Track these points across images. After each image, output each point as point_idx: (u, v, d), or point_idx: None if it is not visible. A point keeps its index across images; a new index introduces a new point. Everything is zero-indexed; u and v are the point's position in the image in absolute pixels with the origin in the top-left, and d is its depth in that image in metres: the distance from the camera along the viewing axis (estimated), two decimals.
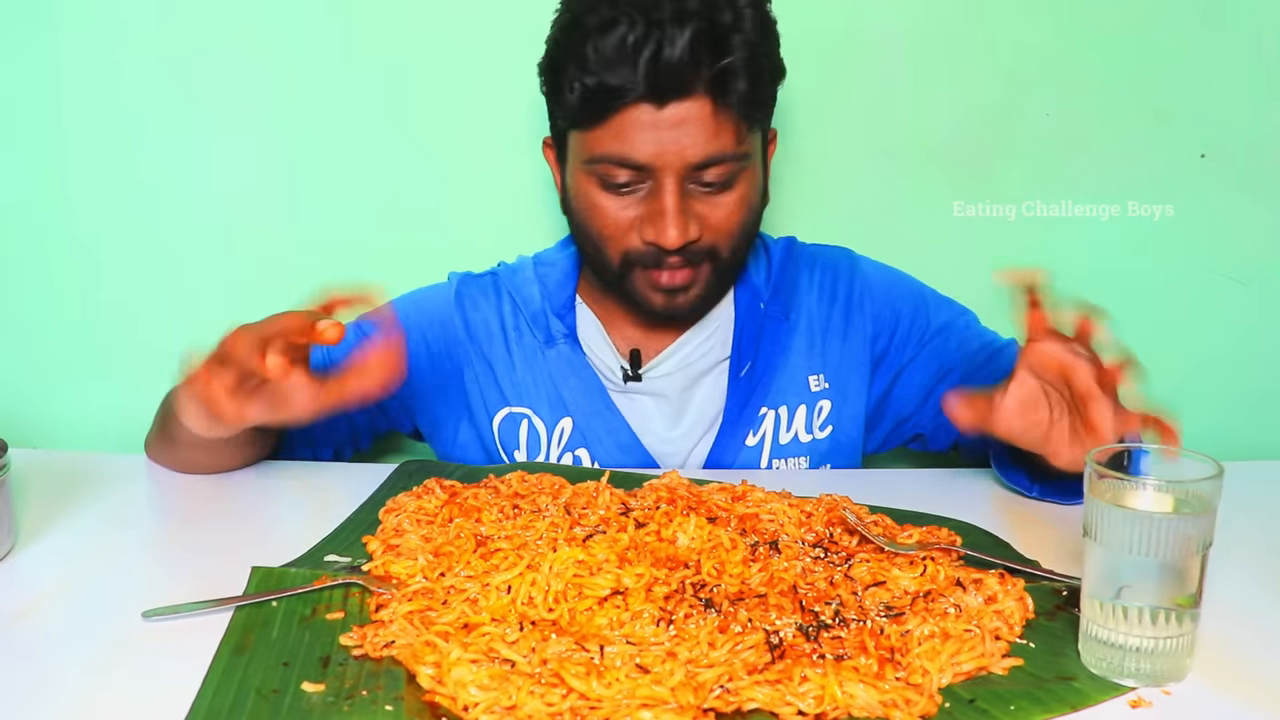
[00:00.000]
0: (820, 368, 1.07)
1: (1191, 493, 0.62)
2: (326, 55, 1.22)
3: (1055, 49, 1.23)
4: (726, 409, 1.05)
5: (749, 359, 1.05)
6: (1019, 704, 0.60)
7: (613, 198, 0.95)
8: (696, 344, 1.06)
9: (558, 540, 0.75)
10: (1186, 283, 1.30)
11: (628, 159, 0.92)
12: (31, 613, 0.71)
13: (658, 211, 0.93)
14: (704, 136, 0.91)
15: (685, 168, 0.92)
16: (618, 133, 0.92)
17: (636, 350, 1.06)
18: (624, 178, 0.94)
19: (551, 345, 1.06)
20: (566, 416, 1.05)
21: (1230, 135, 1.26)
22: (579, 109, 0.93)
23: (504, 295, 1.10)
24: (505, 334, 1.08)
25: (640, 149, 0.92)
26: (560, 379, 1.06)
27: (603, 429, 1.05)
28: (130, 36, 1.21)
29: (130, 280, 1.26)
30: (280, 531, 0.84)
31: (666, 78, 0.89)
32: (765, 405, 1.05)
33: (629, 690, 0.59)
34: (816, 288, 1.09)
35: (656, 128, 0.91)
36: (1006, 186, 1.26)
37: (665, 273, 0.97)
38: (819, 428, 1.06)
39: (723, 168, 0.93)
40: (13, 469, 0.80)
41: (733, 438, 1.05)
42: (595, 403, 1.05)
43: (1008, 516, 0.89)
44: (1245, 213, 1.28)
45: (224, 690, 0.61)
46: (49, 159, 1.23)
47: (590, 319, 1.08)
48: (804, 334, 1.07)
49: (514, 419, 1.06)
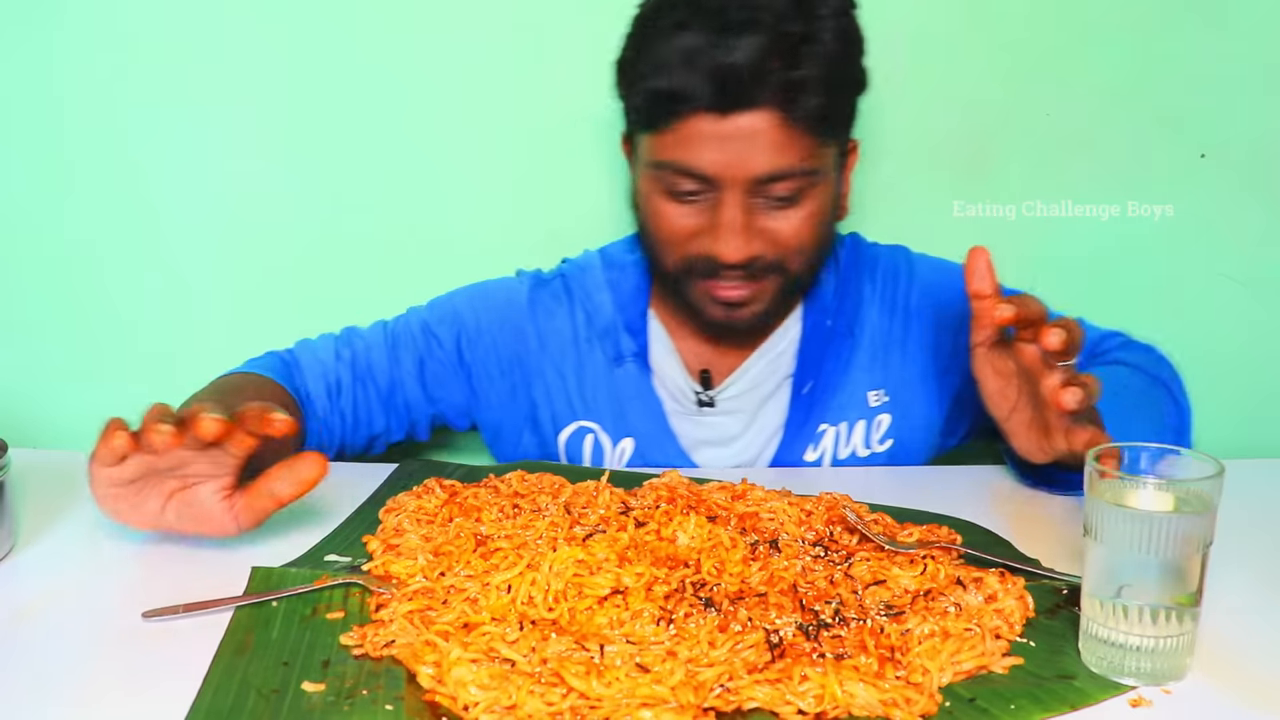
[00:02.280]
0: (881, 382, 1.05)
1: (1192, 491, 0.62)
2: (328, 55, 1.22)
3: (1055, 49, 1.23)
4: (787, 426, 1.04)
5: (811, 377, 1.04)
6: (1019, 703, 0.60)
7: (676, 205, 0.94)
8: (765, 364, 1.05)
9: (558, 540, 0.75)
10: (1186, 283, 1.30)
11: (691, 168, 0.90)
12: (31, 613, 0.71)
13: (719, 224, 0.91)
14: (770, 150, 0.89)
15: (750, 181, 0.90)
16: (681, 140, 0.90)
17: (707, 371, 1.05)
18: (688, 186, 0.92)
19: (620, 364, 1.05)
20: (629, 437, 1.05)
21: (1230, 135, 1.26)
22: (644, 112, 0.91)
23: (576, 303, 1.07)
24: (577, 345, 1.06)
25: (703, 159, 0.89)
26: (625, 399, 1.05)
27: (660, 453, 1.04)
28: (131, 37, 1.21)
29: (130, 281, 1.26)
30: (280, 531, 0.84)
31: (730, 87, 0.86)
32: (825, 422, 1.04)
33: (629, 689, 0.59)
34: (878, 299, 1.07)
35: (720, 139, 0.88)
36: (1006, 186, 1.26)
37: (723, 286, 0.95)
38: (878, 441, 1.05)
39: (790, 183, 0.91)
40: (13, 469, 0.80)
41: (792, 454, 1.04)
42: (654, 427, 1.04)
43: (1008, 515, 0.89)
44: (1245, 213, 1.28)
45: (224, 690, 0.61)
46: (49, 159, 1.23)
47: (662, 336, 1.06)
48: (865, 349, 1.05)
49: (580, 432, 1.06)
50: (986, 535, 0.83)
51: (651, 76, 0.89)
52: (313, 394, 1.05)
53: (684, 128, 0.89)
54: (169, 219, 1.25)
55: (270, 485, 0.76)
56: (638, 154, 0.97)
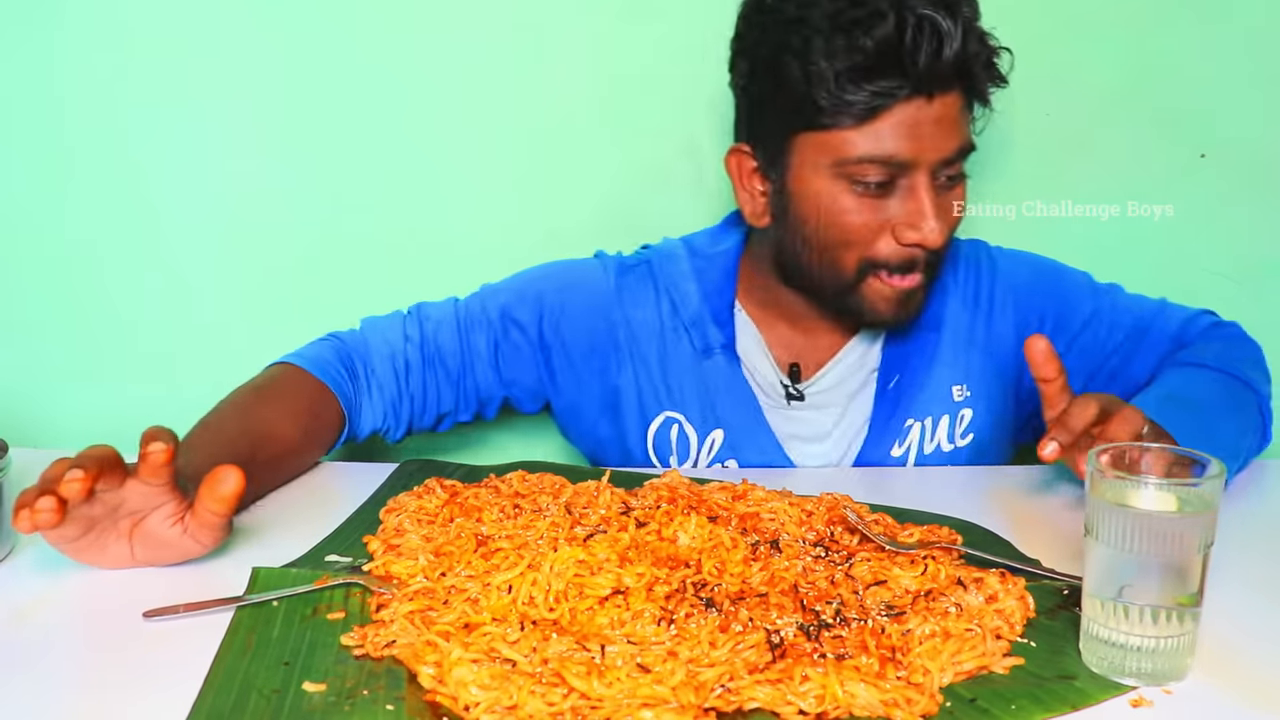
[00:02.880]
0: (964, 377, 1.05)
1: (1193, 492, 0.62)
2: (328, 55, 1.22)
3: (1055, 49, 1.23)
4: (873, 421, 1.04)
5: (897, 371, 1.03)
6: (1020, 703, 0.60)
7: (864, 200, 0.91)
8: (854, 358, 1.05)
9: (558, 540, 0.75)
10: (1186, 282, 1.29)
11: (892, 157, 0.89)
12: (31, 613, 0.71)
13: (917, 212, 0.91)
14: (957, 130, 0.91)
15: (939, 163, 0.91)
16: (880, 131, 0.88)
17: (796, 365, 1.05)
18: (879, 177, 0.90)
19: (709, 355, 1.04)
20: (719, 428, 1.04)
21: (1230, 135, 1.26)
22: (840, 109, 0.88)
23: (661, 291, 1.05)
24: (663, 335, 1.05)
25: (904, 146, 0.89)
26: (715, 390, 1.03)
27: (753, 446, 1.03)
28: (131, 37, 1.21)
29: (130, 281, 1.26)
30: (280, 531, 0.84)
31: (943, 74, 0.87)
32: (911, 417, 1.04)
33: (630, 690, 0.59)
34: (960, 293, 1.07)
35: (920, 124, 0.88)
36: (1006, 186, 1.26)
37: (898, 279, 0.94)
38: (960, 436, 1.05)
39: (961, 163, 0.93)
40: (13, 469, 0.80)
41: (878, 450, 1.04)
42: (748, 419, 1.03)
43: (1008, 515, 0.89)
44: (1245, 213, 1.28)
45: (224, 690, 0.61)
46: (49, 159, 1.23)
47: (749, 328, 1.06)
48: (949, 343, 1.05)
49: (667, 423, 1.05)
50: (987, 535, 0.83)
51: (859, 74, 0.87)
52: (380, 376, 1.03)
53: (888, 117, 0.88)
54: (169, 219, 1.25)
55: (202, 506, 0.74)
56: (792, 158, 0.93)
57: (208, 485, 0.73)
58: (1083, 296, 1.07)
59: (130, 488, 0.73)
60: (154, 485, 0.73)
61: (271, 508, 0.91)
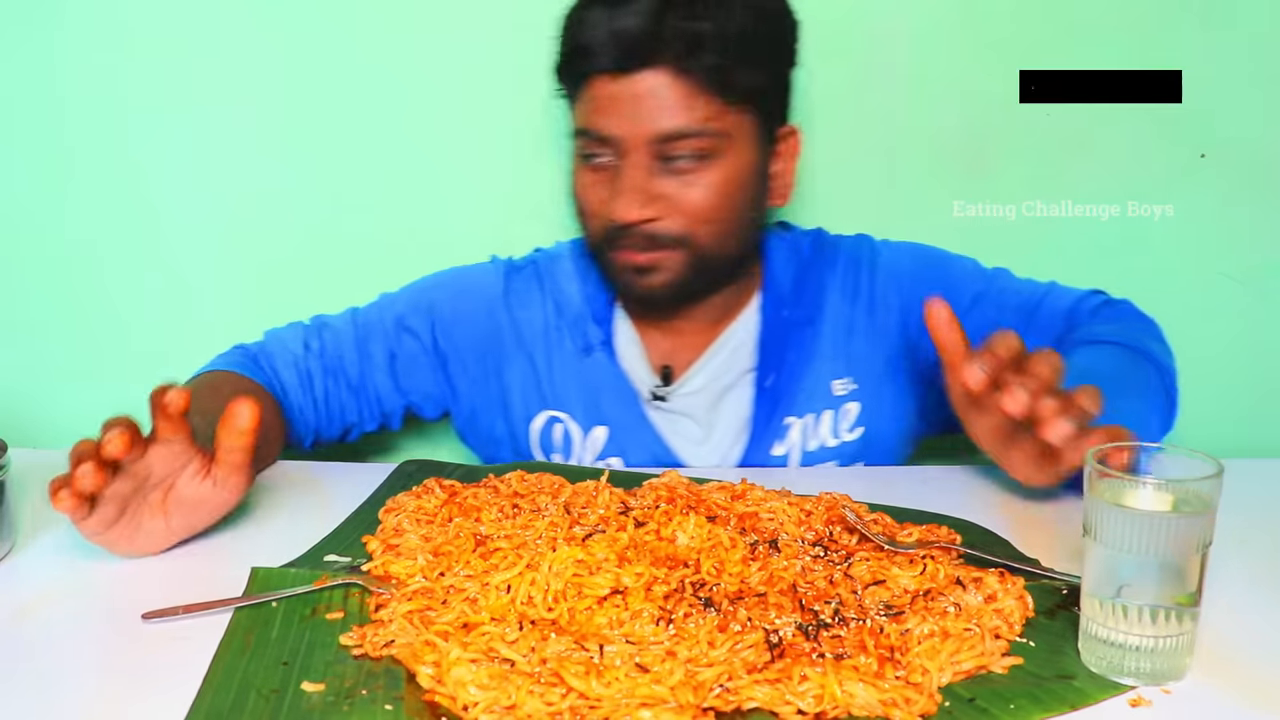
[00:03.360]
0: (845, 370, 1.05)
1: (1191, 491, 0.62)
2: (328, 55, 1.22)
3: (1055, 49, 1.23)
4: (753, 421, 1.04)
5: (773, 370, 1.04)
6: (1019, 703, 0.60)
7: (590, 174, 0.96)
8: (723, 358, 1.05)
9: (557, 540, 0.75)
10: (1186, 283, 1.29)
11: (595, 130, 0.93)
12: (31, 613, 0.71)
13: (618, 189, 0.93)
14: (669, 109, 0.91)
15: (650, 141, 0.92)
16: (590, 105, 0.94)
17: (668, 367, 1.06)
18: (597, 151, 0.94)
19: (589, 353, 1.05)
20: (601, 425, 1.04)
21: (1230, 135, 1.26)
22: (560, 81, 0.96)
23: (547, 292, 1.08)
24: (547, 335, 1.07)
25: (606, 121, 0.92)
26: (597, 387, 1.05)
27: (636, 442, 1.04)
28: (131, 38, 1.21)
29: (130, 280, 1.27)
30: (280, 531, 0.84)
31: (626, 47, 0.89)
32: (791, 415, 1.04)
33: (628, 689, 0.59)
34: (840, 287, 1.07)
35: (619, 99, 0.91)
36: (1006, 186, 1.26)
37: (631, 254, 0.96)
38: (847, 430, 1.05)
39: (694, 142, 0.92)
40: (13, 469, 0.81)
41: (760, 450, 1.04)
42: (630, 414, 1.04)
43: (1007, 515, 0.89)
44: (1245, 213, 1.28)
45: (224, 690, 0.61)
46: (49, 159, 1.24)
47: (627, 328, 1.07)
48: (828, 338, 1.05)
49: (550, 421, 1.06)
50: (986, 535, 0.83)
51: (561, 46, 0.94)
52: (286, 383, 1.06)
53: (589, 92, 0.93)
54: (169, 219, 1.25)
55: (224, 448, 0.77)
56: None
57: (224, 425, 0.76)
58: (968, 279, 1.07)
59: (153, 454, 0.75)
60: (175, 443, 0.76)
61: (270, 508, 0.91)
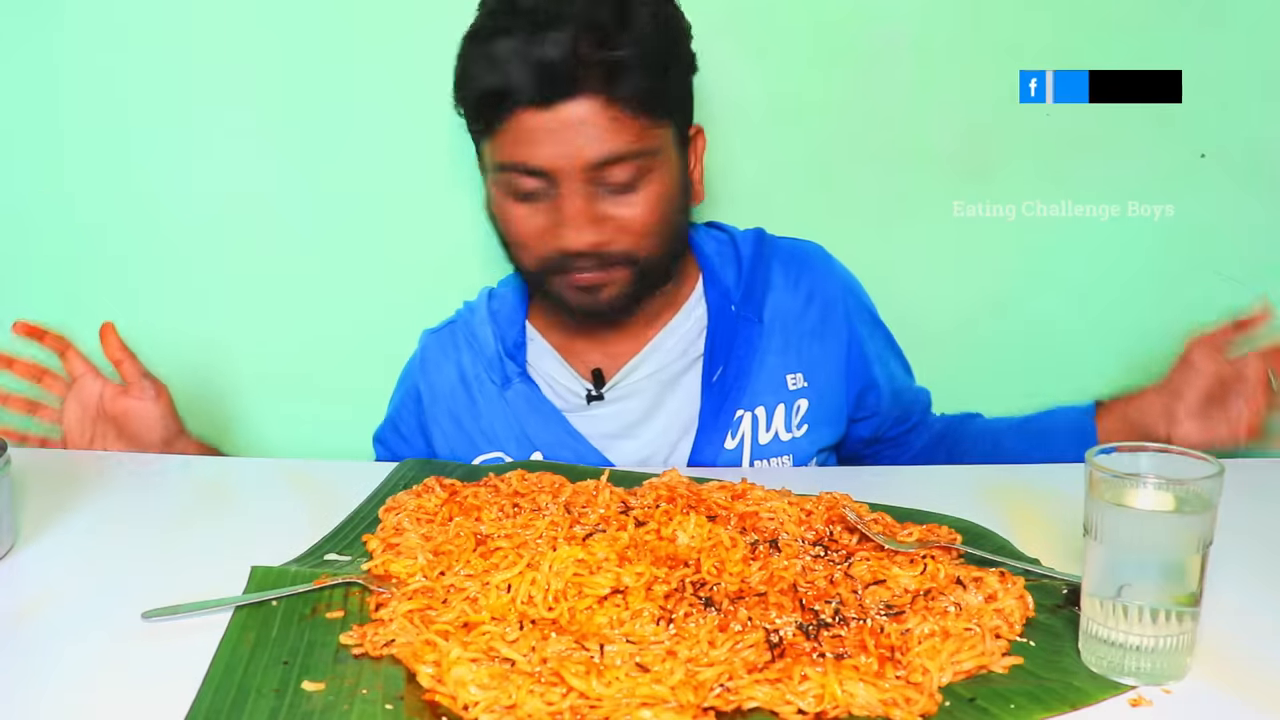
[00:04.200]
0: (797, 366, 1.06)
1: (1192, 491, 0.62)
2: (328, 54, 1.22)
3: (1055, 49, 1.23)
4: (701, 414, 1.04)
5: (721, 363, 1.04)
6: (1019, 702, 0.60)
7: (522, 206, 0.96)
8: (667, 348, 1.06)
9: (557, 539, 0.75)
10: (1186, 283, 1.29)
11: (526, 164, 0.93)
12: (31, 613, 0.71)
13: (562, 217, 0.94)
14: (599, 136, 0.91)
15: (584, 169, 0.92)
16: (514, 138, 0.93)
17: (599, 370, 1.06)
18: (529, 185, 0.94)
19: (508, 386, 1.06)
20: (536, 450, 1.05)
21: (1230, 135, 1.26)
22: (478, 118, 0.95)
23: (462, 345, 1.10)
24: (466, 385, 1.08)
25: (536, 153, 0.92)
26: (522, 415, 1.06)
27: (570, 456, 1.04)
28: (130, 38, 1.21)
29: (130, 280, 1.26)
30: (280, 531, 0.84)
31: (549, 79, 0.89)
32: (741, 408, 1.04)
33: (629, 689, 0.59)
34: (791, 285, 1.08)
35: (548, 130, 0.91)
36: (1006, 186, 1.26)
37: (579, 275, 0.97)
38: (797, 425, 1.06)
39: (626, 166, 0.93)
40: (13, 469, 0.80)
41: (710, 443, 1.04)
42: (557, 432, 1.05)
43: (1008, 514, 0.89)
44: (1245, 213, 1.28)
45: (224, 690, 0.61)
46: (48, 158, 1.24)
47: (544, 347, 1.08)
48: (779, 334, 1.06)
49: (489, 463, 1.06)
50: (986, 535, 0.83)
51: (476, 81, 0.93)
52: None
53: (513, 126, 0.92)
54: (168, 219, 1.25)
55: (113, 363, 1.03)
56: (483, 163, 1.00)
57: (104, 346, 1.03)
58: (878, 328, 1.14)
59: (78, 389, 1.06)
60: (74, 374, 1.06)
61: (271, 507, 0.92)
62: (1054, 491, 0.94)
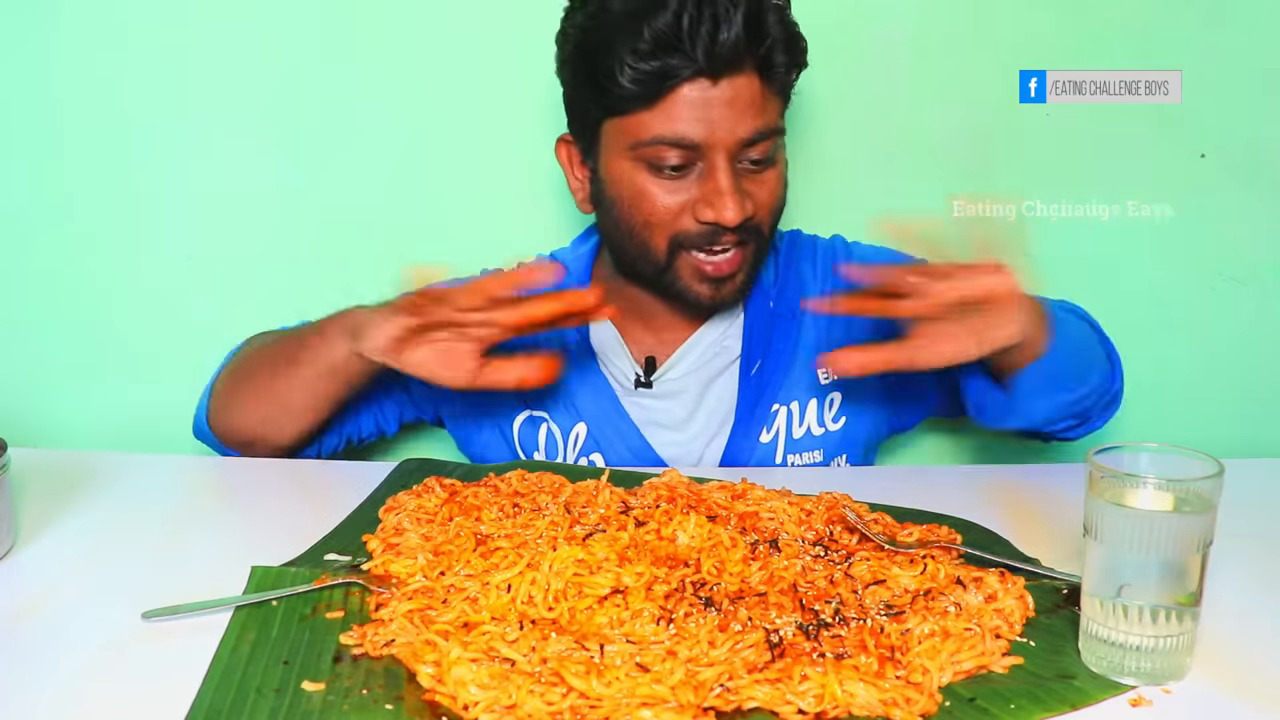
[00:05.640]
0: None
1: (1192, 491, 0.62)
2: (327, 52, 1.22)
3: (1055, 49, 1.23)
4: (738, 408, 1.05)
5: (759, 357, 1.05)
6: (1019, 702, 0.60)
7: (662, 182, 0.96)
8: (708, 344, 1.07)
9: (558, 539, 0.75)
10: (1186, 283, 1.29)
11: (682, 138, 0.93)
12: (31, 613, 0.71)
13: (714, 190, 0.94)
14: (753, 112, 0.93)
15: (736, 145, 0.93)
16: (673, 113, 0.92)
17: (651, 357, 1.07)
18: (675, 159, 0.94)
19: (570, 348, 1.06)
20: (580, 421, 1.06)
21: (1230, 135, 1.26)
22: (630, 92, 0.92)
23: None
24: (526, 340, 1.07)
25: (694, 127, 0.92)
26: (573, 384, 1.06)
27: (614, 434, 1.05)
28: (129, 37, 1.21)
29: (130, 280, 1.26)
30: (280, 531, 0.84)
31: (724, 55, 0.90)
32: (777, 402, 1.06)
33: (629, 689, 0.59)
34: (819, 280, 1.09)
35: (709, 105, 0.92)
36: (1006, 186, 1.26)
37: (712, 261, 0.97)
38: (831, 420, 1.06)
39: (767, 143, 0.95)
40: (13, 469, 0.80)
41: (746, 436, 1.05)
42: (606, 408, 1.05)
43: (1008, 514, 0.89)
44: (1245, 213, 1.28)
45: (224, 690, 0.61)
46: (48, 158, 1.23)
47: (605, 324, 1.08)
48: (811, 329, 1.07)
49: (533, 422, 1.07)
50: (986, 535, 0.83)
51: (641, 56, 0.91)
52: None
53: (672, 100, 0.92)
54: (168, 219, 1.25)
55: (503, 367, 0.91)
56: (602, 144, 0.98)
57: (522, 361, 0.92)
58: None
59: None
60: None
61: (271, 507, 0.92)
62: (1054, 491, 0.94)
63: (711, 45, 0.89)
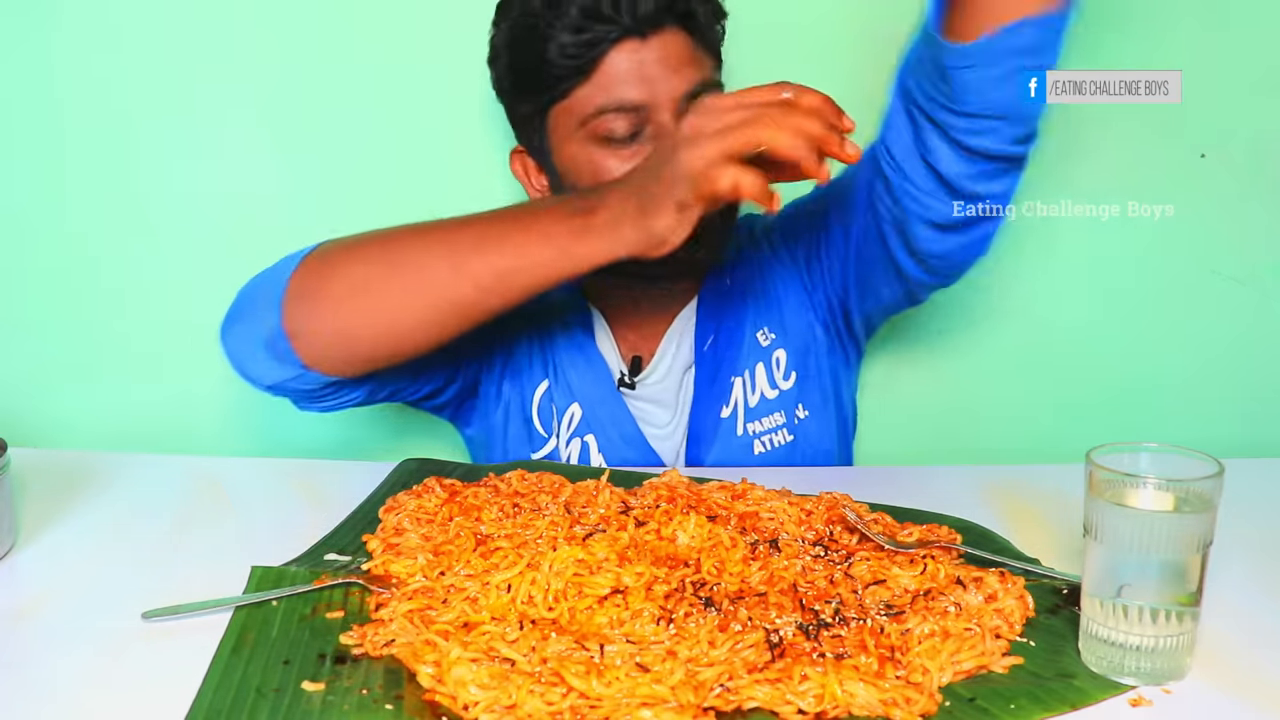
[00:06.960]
0: (765, 320, 1.07)
1: (1192, 491, 0.62)
2: (328, 52, 1.22)
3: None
4: (696, 384, 1.05)
5: (711, 332, 1.06)
6: (1019, 702, 0.60)
7: (617, 152, 0.96)
8: (676, 342, 1.07)
9: (558, 539, 0.75)
10: (1186, 283, 1.29)
11: (625, 102, 0.93)
12: (31, 613, 0.72)
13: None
14: (689, 67, 0.94)
15: (678, 102, 0.94)
16: (609, 79, 0.93)
17: (638, 356, 1.07)
18: (623, 127, 0.94)
19: (568, 332, 1.07)
20: (575, 402, 1.06)
21: (1230, 135, 1.26)
22: (565, 68, 0.93)
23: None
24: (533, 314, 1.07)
25: (634, 89, 0.93)
26: (572, 364, 1.07)
27: (608, 419, 1.05)
28: (129, 37, 1.21)
29: (129, 279, 1.26)
30: (280, 531, 0.84)
31: (648, 13, 0.92)
32: (733, 374, 1.06)
33: (629, 689, 0.59)
34: (747, 245, 1.10)
35: (643, 65, 0.93)
36: None
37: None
38: (782, 379, 1.07)
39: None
40: (13, 469, 0.80)
41: (708, 412, 1.05)
42: (603, 392, 1.06)
43: (1008, 514, 0.89)
44: (1245, 213, 1.28)
45: (224, 690, 0.61)
46: (48, 158, 1.23)
47: (598, 321, 1.09)
48: (749, 295, 1.08)
49: (548, 394, 1.07)
50: (986, 535, 0.83)
51: (570, 29, 0.92)
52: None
53: (608, 65, 0.93)
54: (168, 218, 1.25)
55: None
56: (553, 133, 0.98)
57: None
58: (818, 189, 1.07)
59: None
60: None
61: (271, 507, 0.92)
62: (1054, 491, 0.94)
63: (634, 6, 0.91)
